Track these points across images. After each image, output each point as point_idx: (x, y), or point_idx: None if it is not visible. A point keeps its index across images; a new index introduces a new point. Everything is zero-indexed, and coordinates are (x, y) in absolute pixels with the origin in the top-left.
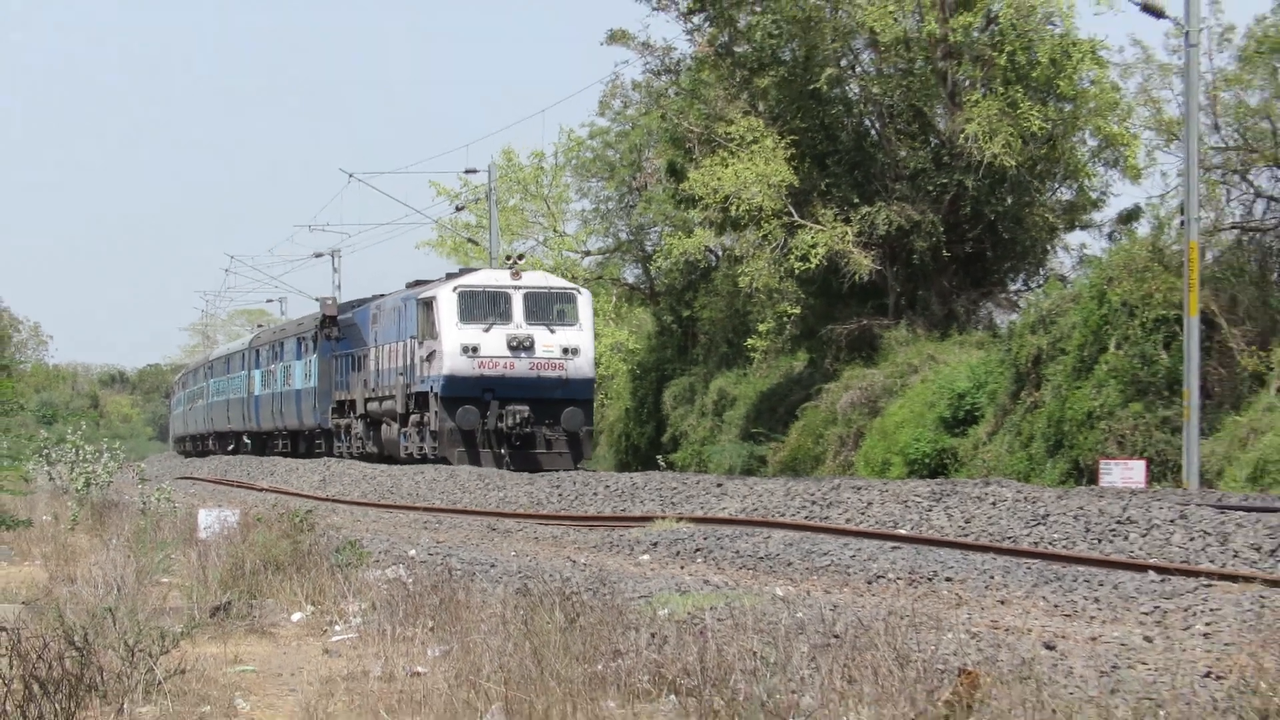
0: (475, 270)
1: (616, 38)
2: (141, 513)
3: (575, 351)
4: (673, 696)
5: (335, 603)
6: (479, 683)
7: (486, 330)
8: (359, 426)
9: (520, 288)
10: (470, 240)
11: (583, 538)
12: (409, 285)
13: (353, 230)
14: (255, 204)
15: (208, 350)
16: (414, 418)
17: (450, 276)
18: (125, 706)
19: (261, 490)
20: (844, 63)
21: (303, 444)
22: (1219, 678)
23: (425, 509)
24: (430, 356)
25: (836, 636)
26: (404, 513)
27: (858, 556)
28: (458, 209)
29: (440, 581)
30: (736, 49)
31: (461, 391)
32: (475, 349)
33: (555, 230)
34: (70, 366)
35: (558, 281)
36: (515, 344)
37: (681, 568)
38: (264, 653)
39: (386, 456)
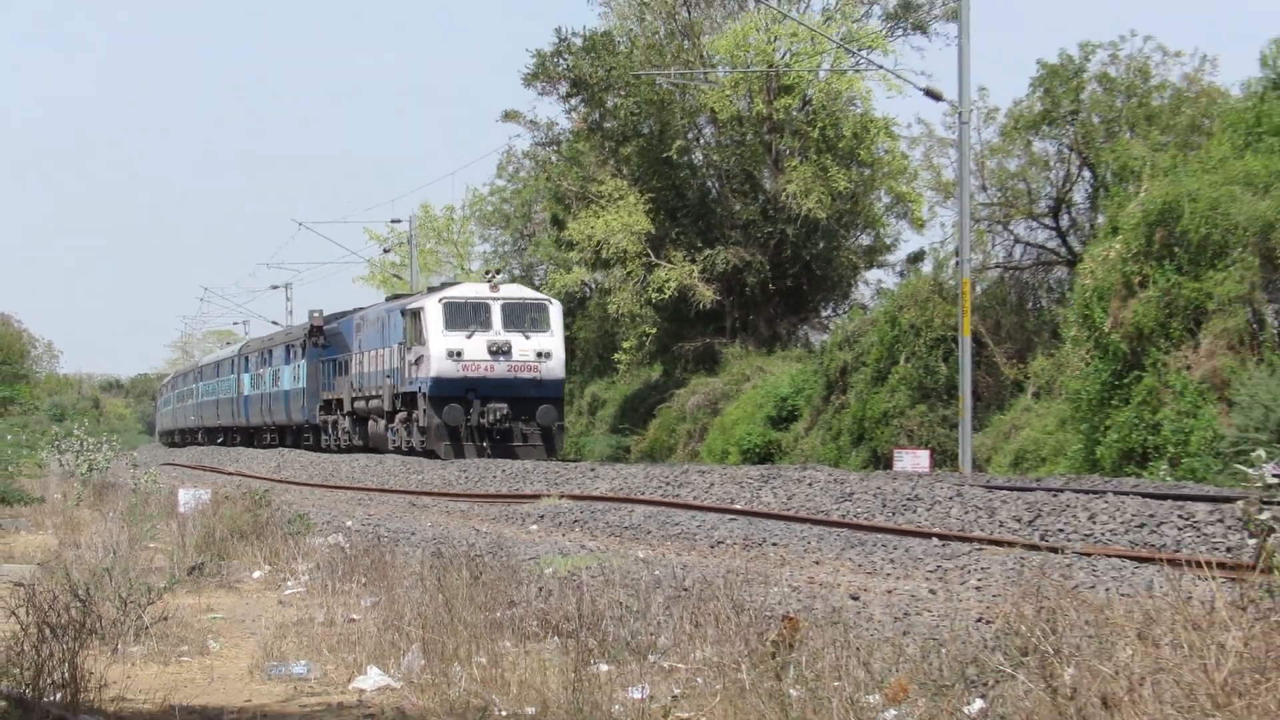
0: (458, 284)
1: (510, 116)
2: (133, 492)
3: (548, 355)
4: (556, 638)
5: (287, 563)
6: (402, 626)
7: (469, 337)
8: (346, 422)
9: (498, 299)
10: (396, 276)
11: (484, 511)
12: (389, 299)
13: (302, 268)
14: (225, 244)
15: (189, 360)
16: (400, 415)
17: (433, 290)
18: (119, 646)
19: (229, 474)
20: (690, 135)
21: (290, 437)
22: (989, 622)
23: (359, 489)
24: (418, 360)
25: (686, 590)
26: (342, 492)
27: (703, 526)
28: (385, 251)
29: (371, 546)
30: (605, 125)
31: (447, 391)
32: (459, 353)
33: (462, 268)
34: (76, 375)
35: (531, 293)
36: (495, 349)
37: (563, 535)
38: (230, 603)
39: (372, 449)
